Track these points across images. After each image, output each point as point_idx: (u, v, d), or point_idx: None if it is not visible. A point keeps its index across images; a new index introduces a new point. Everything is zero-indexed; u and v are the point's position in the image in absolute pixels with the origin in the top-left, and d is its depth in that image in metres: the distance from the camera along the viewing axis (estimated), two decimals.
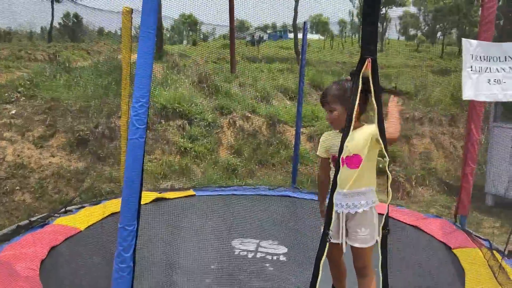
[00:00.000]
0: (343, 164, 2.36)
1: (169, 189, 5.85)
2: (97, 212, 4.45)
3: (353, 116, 1.93)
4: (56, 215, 4.43)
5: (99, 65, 8.84)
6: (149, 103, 2.10)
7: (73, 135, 6.67)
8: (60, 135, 6.69)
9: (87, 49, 13.33)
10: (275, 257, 3.66)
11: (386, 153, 2.00)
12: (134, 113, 2.03)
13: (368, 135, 2.29)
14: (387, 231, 2.01)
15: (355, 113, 1.97)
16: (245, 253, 3.72)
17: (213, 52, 12.37)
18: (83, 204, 4.93)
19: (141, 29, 2.04)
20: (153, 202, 4.96)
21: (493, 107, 6.49)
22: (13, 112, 6.88)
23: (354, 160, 2.34)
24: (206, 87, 9.10)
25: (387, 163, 2.02)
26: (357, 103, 1.92)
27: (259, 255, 3.69)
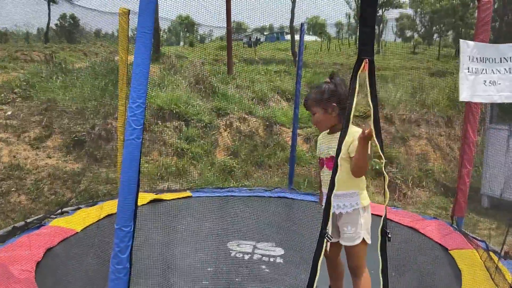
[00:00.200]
0: (325, 165, 2.48)
1: (165, 190, 5.84)
2: (94, 213, 4.44)
3: (350, 117, 1.93)
4: (52, 216, 4.40)
5: (96, 66, 8.82)
6: (145, 104, 2.09)
7: (69, 136, 6.64)
8: (56, 136, 6.67)
9: (84, 49, 13.29)
10: (272, 259, 3.65)
11: (382, 154, 2.00)
12: (131, 113, 2.02)
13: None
14: (388, 238, 2.00)
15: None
16: (241, 255, 3.71)
17: (210, 53, 12.35)
18: (79, 205, 4.91)
19: (138, 29, 2.04)
20: (149, 203, 4.94)
21: (489, 109, 6.51)
22: (9, 113, 6.85)
23: (332, 162, 2.34)
24: (203, 89, 9.09)
25: (383, 164, 2.02)
26: (354, 103, 1.93)
27: (255, 257, 3.68)
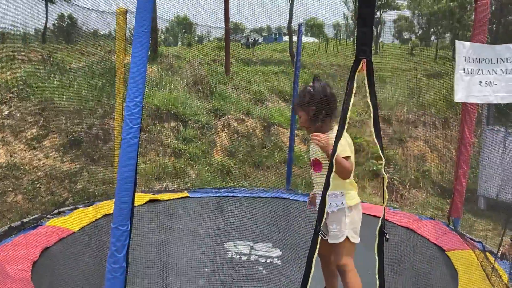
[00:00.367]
0: (311, 166, 2.61)
1: (163, 190, 5.83)
2: (90, 213, 4.43)
3: (347, 117, 1.94)
4: (49, 216, 4.40)
5: (93, 66, 8.81)
6: (143, 104, 2.09)
7: (66, 136, 6.63)
8: (53, 136, 6.65)
9: (81, 49, 13.25)
10: (269, 260, 3.64)
11: (382, 155, 2.01)
12: (128, 112, 2.02)
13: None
14: (386, 239, 2.02)
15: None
16: (238, 256, 3.70)
17: (208, 54, 12.34)
18: (76, 205, 4.90)
19: (135, 27, 2.03)
20: (147, 203, 4.94)
21: (486, 110, 6.52)
22: (6, 113, 6.83)
23: (316, 164, 2.53)
24: (201, 89, 9.09)
25: (382, 165, 2.03)
26: (350, 105, 1.95)
27: (252, 258, 3.68)
